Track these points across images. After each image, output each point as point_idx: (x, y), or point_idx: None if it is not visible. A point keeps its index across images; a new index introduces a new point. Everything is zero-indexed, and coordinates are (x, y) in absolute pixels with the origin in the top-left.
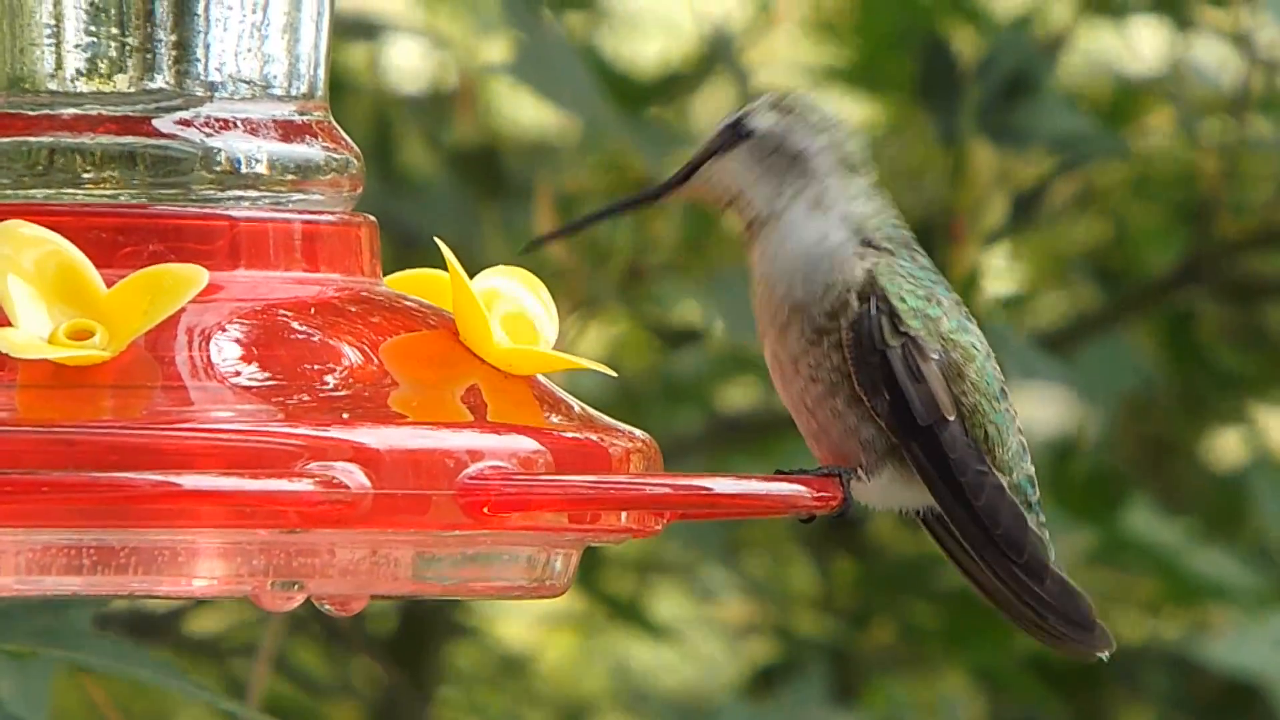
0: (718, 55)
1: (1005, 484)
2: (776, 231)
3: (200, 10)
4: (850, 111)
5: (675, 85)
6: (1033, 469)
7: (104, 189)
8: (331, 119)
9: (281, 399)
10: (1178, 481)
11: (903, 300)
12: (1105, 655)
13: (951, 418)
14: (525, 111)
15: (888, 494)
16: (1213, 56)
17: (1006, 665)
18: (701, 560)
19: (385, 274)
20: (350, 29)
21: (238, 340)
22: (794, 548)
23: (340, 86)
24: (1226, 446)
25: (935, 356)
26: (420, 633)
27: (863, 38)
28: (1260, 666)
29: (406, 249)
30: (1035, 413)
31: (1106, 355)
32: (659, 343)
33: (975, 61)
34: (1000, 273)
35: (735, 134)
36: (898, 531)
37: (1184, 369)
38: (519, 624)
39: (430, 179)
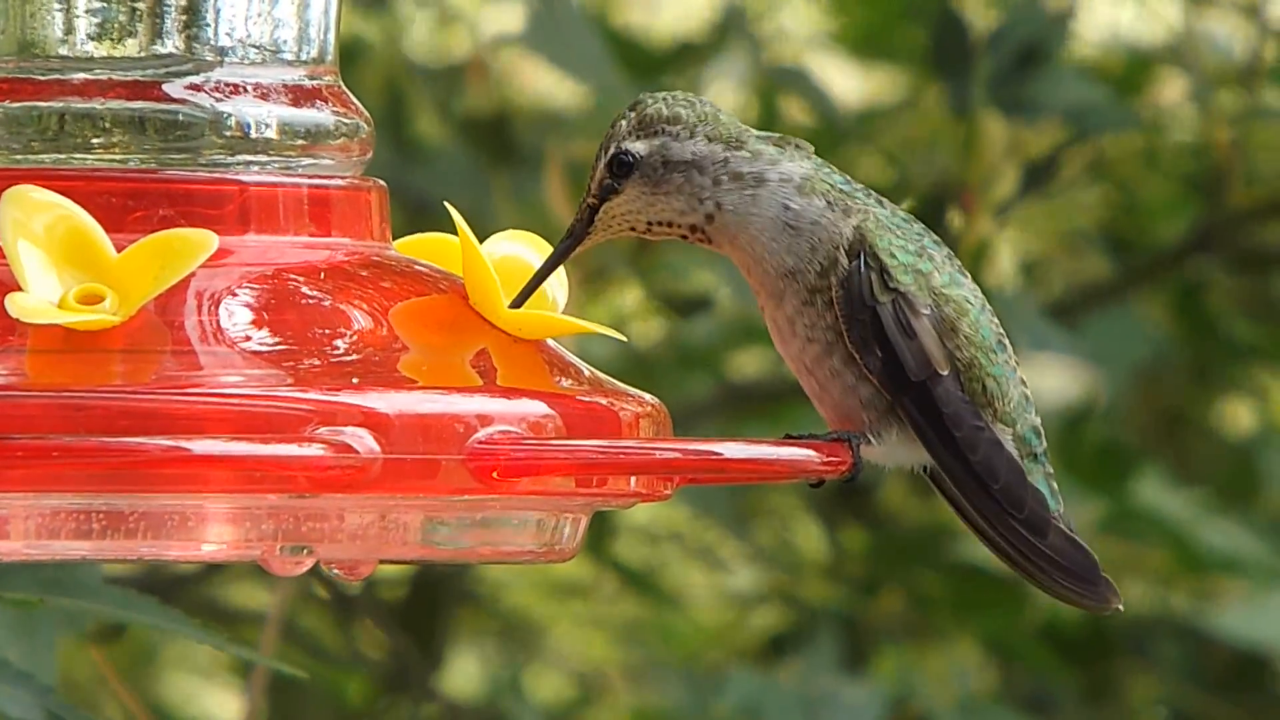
0: (730, 26)
1: (1010, 436)
2: (730, 223)
3: None
4: (862, 82)
5: (687, 55)
6: (1038, 420)
7: (114, 154)
8: (341, 84)
9: (291, 364)
10: (1189, 452)
11: (893, 256)
12: (1117, 608)
13: (945, 372)
14: (537, 80)
15: (893, 452)
16: (1224, 27)
17: (1017, 635)
18: (712, 528)
19: (396, 240)
20: None
21: (247, 305)
22: (804, 516)
23: (353, 56)
24: (1237, 417)
25: (926, 312)
26: (430, 600)
27: (874, 8)
28: (1271, 638)
29: (419, 217)
30: (1046, 383)
31: (1117, 325)
32: (670, 311)
33: (987, 32)
34: (1011, 243)
35: (617, 172)
36: (908, 500)
37: (1195, 339)
38: (530, 592)
39: (442, 148)
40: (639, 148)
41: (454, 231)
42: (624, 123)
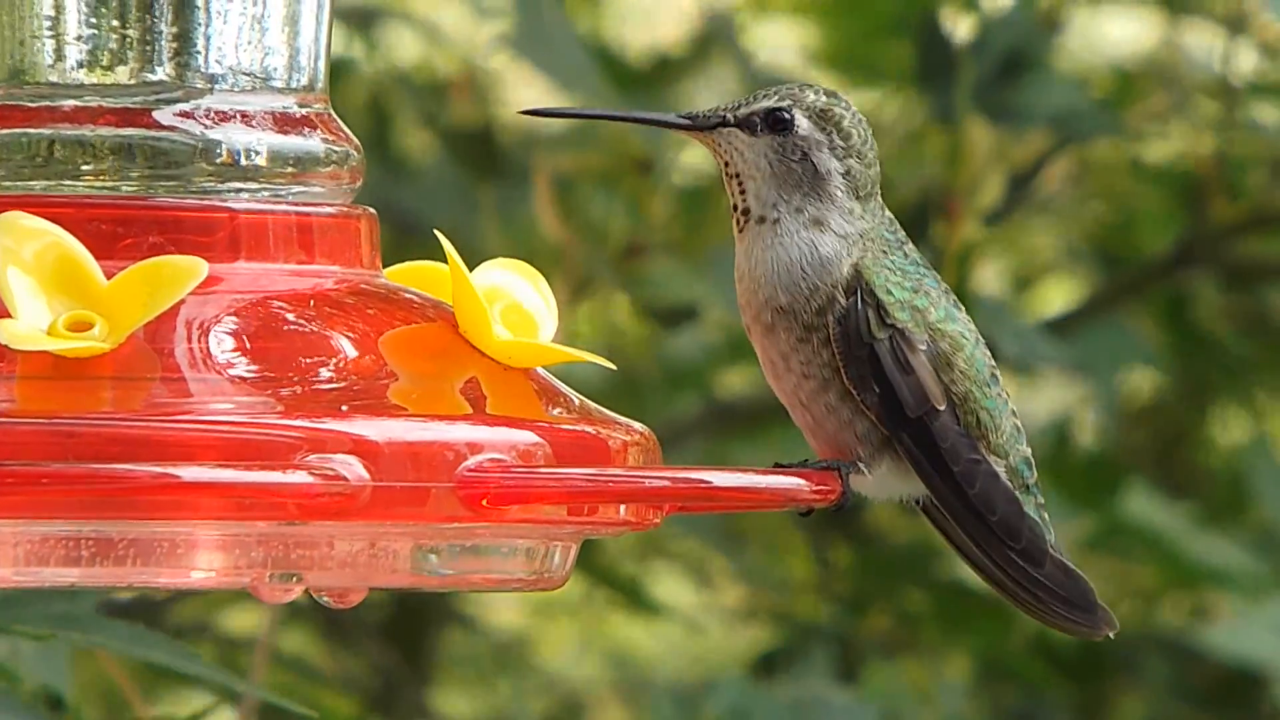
0: (715, 38)
1: (1002, 468)
2: (768, 236)
3: (201, 2)
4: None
5: (673, 68)
6: (1029, 451)
7: (104, 181)
8: (332, 111)
9: (280, 391)
10: (1178, 467)
11: (889, 292)
12: (1110, 635)
13: (942, 408)
14: (522, 94)
15: (885, 485)
16: (1208, 40)
17: (1006, 651)
18: (701, 547)
19: (384, 260)
20: (348, 13)
21: (237, 332)
22: (792, 535)
23: (337, 71)
24: (1226, 430)
25: (923, 347)
26: (417, 619)
27: (858, 19)
28: (1261, 654)
29: (404, 234)
30: (1034, 397)
31: (1105, 337)
32: (655, 323)
33: (971, 40)
34: (998, 254)
35: (773, 120)
36: (895, 519)
37: (1183, 352)
38: (517, 610)
39: (427, 163)
40: (804, 125)
41: (440, 254)
42: (814, 95)
